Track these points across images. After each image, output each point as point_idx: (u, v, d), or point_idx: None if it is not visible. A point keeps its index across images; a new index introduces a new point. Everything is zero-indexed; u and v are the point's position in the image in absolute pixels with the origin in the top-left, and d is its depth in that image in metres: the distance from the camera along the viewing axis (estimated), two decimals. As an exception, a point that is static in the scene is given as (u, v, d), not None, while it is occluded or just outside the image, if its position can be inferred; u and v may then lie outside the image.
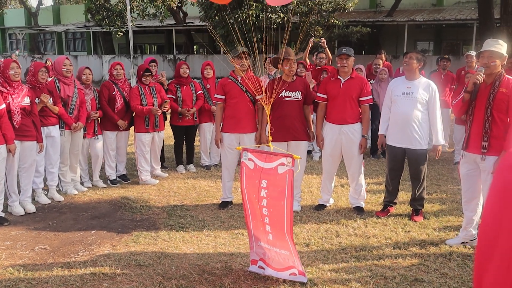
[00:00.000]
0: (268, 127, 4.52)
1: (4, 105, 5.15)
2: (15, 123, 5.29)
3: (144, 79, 6.71)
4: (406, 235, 4.86)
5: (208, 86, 7.49)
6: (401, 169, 5.43)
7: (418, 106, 5.10)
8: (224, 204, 5.81)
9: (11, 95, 5.30)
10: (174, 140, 7.69)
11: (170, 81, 7.51)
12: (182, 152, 7.69)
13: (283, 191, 3.69)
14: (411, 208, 5.43)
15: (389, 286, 3.79)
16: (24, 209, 5.58)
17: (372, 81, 8.20)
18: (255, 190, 3.79)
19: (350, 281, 3.86)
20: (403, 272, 4.00)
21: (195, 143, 7.78)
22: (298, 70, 8.15)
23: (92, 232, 5.05)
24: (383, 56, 9.06)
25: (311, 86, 6.58)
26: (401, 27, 22.96)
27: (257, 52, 5.89)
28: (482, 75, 4.25)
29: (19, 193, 5.62)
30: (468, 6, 23.26)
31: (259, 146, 5.14)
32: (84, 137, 6.36)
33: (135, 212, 5.67)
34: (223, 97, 5.65)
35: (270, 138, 4.25)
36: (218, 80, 6.45)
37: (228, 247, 4.61)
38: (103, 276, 3.98)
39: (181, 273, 4.03)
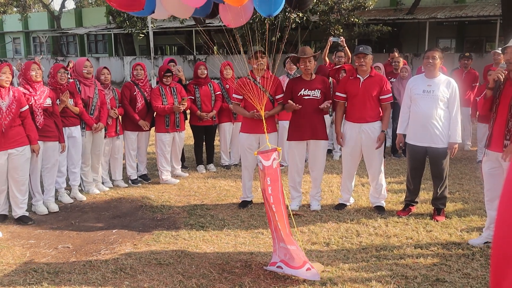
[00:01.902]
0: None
1: (27, 106, 5.25)
2: (37, 124, 5.39)
3: (165, 80, 6.77)
4: (427, 235, 4.80)
5: (227, 86, 7.52)
6: (422, 168, 5.36)
7: (440, 104, 5.04)
8: (244, 204, 5.82)
9: (33, 97, 5.39)
10: (194, 140, 7.74)
11: (188, 81, 7.55)
12: (202, 152, 7.74)
13: (278, 184, 3.90)
14: (433, 208, 5.37)
15: (411, 286, 3.75)
16: (47, 208, 5.68)
17: (392, 80, 8.13)
18: (265, 189, 3.91)
19: (370, 280, 3.83)
20: (424, 272, 3.96)
21: (215, 143, 7.82)
22: (337, 60, 8.12)
23: (114, 231, 5.11)
24: (396, 54, 8.99)
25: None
26: (422, 24, 22.69)
27: (275, 52, 5.86)
28: (504, 71, 4.17)
29: (42, 193, 5.73)
30: (491, 2, 22.85)
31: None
32: (105, 137, 6.44)
33: (155, 211, 5.72)
34: (241, 97, 5.65)
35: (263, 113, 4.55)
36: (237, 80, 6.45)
37: (248, 246, 4.62)
38: (124, 275, 4.02)
39: (201, 272, 4.05)
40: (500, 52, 7.89)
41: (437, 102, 5.04)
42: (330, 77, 6.86)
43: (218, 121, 7.55)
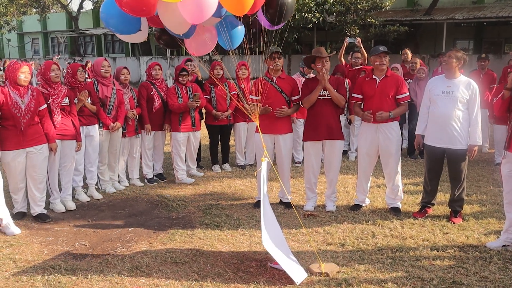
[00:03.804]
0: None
1: (45, 105, 5.32)
2: (55, 123, 5.47)
3: (181, 79, 6.81)
4: (444, 237, 4.76)
5: (243, 86, 7.53)
6: (440, 169, 5.31)
7: (459, 105, 4.99)
8: (259, 204, 5.80)
9: (51, 96, 5.47)
10: (209, 140, 7.77)
11: (204, 81, 7.58)
12: (217, 152, 7.76)
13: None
14: (450, 210, 5.31)
15: (427, 288, 3.72)
16: (65, 206, 5.75)
17: (409, 81, 8.07)
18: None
19: (386, 282, 3.81)
20: (441, 275, 3.92)
21: (230, 143, 7.83)
22: (353, 61, 8.11)
23: (130, 229, 5.15)
24: (407, 51, 8.91)
25: None
26: (439, 25, 22.45)
27: (291, 53, 5.88)
28: (524, 72, 4.12)
29: (60, 191, 5.80)
30: (510, 3, 22.53)
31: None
32: (124, 136, 6.50)
33: (171, 210, 5.75)
34: (257, 98, 5.65)
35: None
36: (254, 80, 6.46)
37: (263, 246, 4.61)
38: (140, 273, 4.05)
39: (216, 271, 4.06)
40: None
41: (456, 103, 4.99)
42: (345, 78, 6.85)
43: (233, 121, 7.57)
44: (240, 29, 4.65)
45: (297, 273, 3.89)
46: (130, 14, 4.17)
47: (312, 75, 6.86)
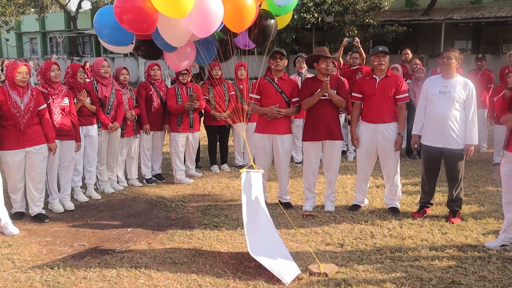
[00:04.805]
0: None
1: (45, 105, 5.32)
2: (55, 123, 5.46)
3: (181, 78, 6.81)
4: (442, 237, 4.77)
5: (241, 86, 7.53)
6: (437, 169, 5.32)
7: (456, 105, 5.00)
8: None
9: (51, 96, 5.47)
10: (208, 140, 7.77)
11: (202, 82, 7.58)
12: (216, 152, 7.76)
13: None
14: (448, 210, 5.32)
15: (425, 288, 3.73)
16: (63, 207, 5.74)
17: (408, 81, 8.08)
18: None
19: (385, 282, 3.82)
20: (439, 274, 3.93)
21: (229, 143, 7.83)
22: (351, 61, 8.14)
23: (128, 229, 5.15)
24: (408, 51, 8.94)
25: None
26: (438, 26, 22.49)
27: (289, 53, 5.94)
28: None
29: (59, 191, 5.79)
30: (509, 3, 22.56)
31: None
32: (123, 136, 6.50)
33: (170, 210, 5.75)
34: (258, 96, 5.66)
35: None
36: (252, 81, 6.47)
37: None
38: (139, 273, 4.05)
39: (215, 271, 4.06)
40: None
41: (453, 103, 5.00)
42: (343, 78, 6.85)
43: (232, 121, 7.56)
44: (215, 46, 4.80)
45: (288, 272, 3.89)
46: (129, 31, 4.21)
47: (310, 75, 6.87)
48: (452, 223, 5.13)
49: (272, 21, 4.77)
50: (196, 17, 4.05)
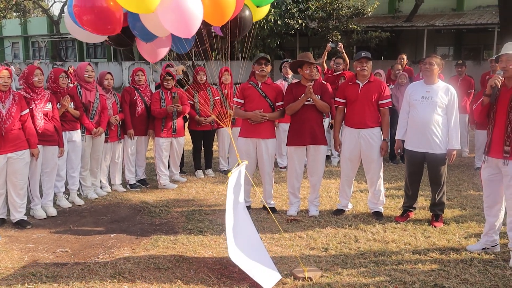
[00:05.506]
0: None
1: (27, 110, 5.26)
2: (38, 128, 5.39)
3: (166, 83, 6.80)
4: (425, 241, 4.81)
5: (225, 91, 7.53)
6: (420, 173, 5.38)
7: (438, 110, 5.07)
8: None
9: (34, 101, 5.41)
10: (192, 145, 7.75)
11: (186, 87, 7.57)
12: (201, 157, 7.74)
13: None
14: (431, 214, 5.38)
15: (409, 291, 3.76)
16: (46, 213, 5.67)
17: (391, 86, 8.16)
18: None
19: (369, 286, 3.84)
20: (422, 278, 3.96)
21: (213, 148, 7.82)
22: (335, 66, 8.19)
23: (112, 235, 5.10)
24: (404, 56, 9.05)
25: None
26: (420, 32, 22.77)
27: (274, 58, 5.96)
28: (501, 78, 4.23)
29: (41, 197, 5.72)
30: (489, 10, 22.96)
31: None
32: (107, 141, 6.45)
33: (154, 216, 5.72)
34: (242, 101, 5.67)
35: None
36: (236, 85, 6.48)
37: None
38: (123, 279, 4.02)
39: (199, 277, 4.05)
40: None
41: (435, 108, 5.07)
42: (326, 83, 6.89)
43: (217, 126, 7.56)
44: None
45: (268, 278, 3.90)
46: (94, 33, 4.03)
47: (296, 80, 6.90)
48: (435, 226, 5.18)
49: (247, 12, 4.66)
50: (173, 18, 3.88)
